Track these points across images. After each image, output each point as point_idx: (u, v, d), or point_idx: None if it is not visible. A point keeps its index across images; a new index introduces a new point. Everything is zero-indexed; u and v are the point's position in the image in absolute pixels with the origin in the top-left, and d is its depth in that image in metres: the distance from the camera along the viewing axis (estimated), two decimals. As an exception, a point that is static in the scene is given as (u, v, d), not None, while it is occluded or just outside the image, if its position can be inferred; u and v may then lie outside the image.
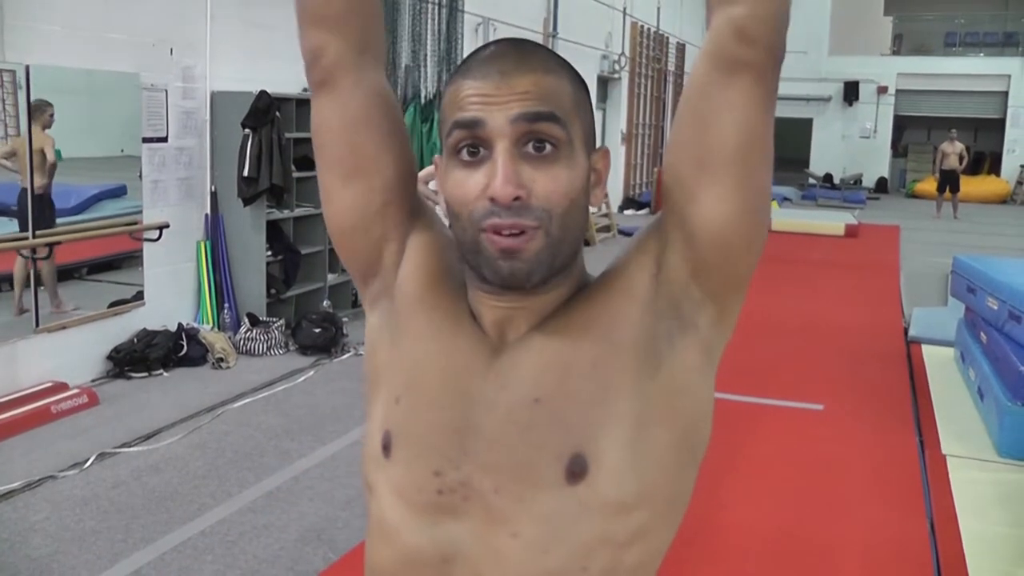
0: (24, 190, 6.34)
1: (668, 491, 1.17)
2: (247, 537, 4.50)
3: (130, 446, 5.60)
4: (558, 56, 1.20)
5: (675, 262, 1.17)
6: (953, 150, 20.13)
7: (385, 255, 1.31)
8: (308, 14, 1.34)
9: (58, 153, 6.40)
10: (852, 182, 25.39)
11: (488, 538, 1.15)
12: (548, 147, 1.11)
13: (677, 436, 1.16)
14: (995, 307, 6.60)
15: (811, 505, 5.04)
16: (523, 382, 1.15)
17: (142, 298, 7.20)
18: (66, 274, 6.96)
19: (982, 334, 6.78)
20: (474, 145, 1.11)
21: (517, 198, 1.09)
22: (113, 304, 7.09)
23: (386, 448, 1.25)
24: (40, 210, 6.45)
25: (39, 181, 6.42)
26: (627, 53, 19.02)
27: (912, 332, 8.82)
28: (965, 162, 20.40)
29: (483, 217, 1.10)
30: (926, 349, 8.20)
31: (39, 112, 6.35)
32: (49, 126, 6.46)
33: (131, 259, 7.33)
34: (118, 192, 7.36)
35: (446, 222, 1.26)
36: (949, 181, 20.16)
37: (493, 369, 1.18)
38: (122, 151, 7.33)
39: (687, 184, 1.15)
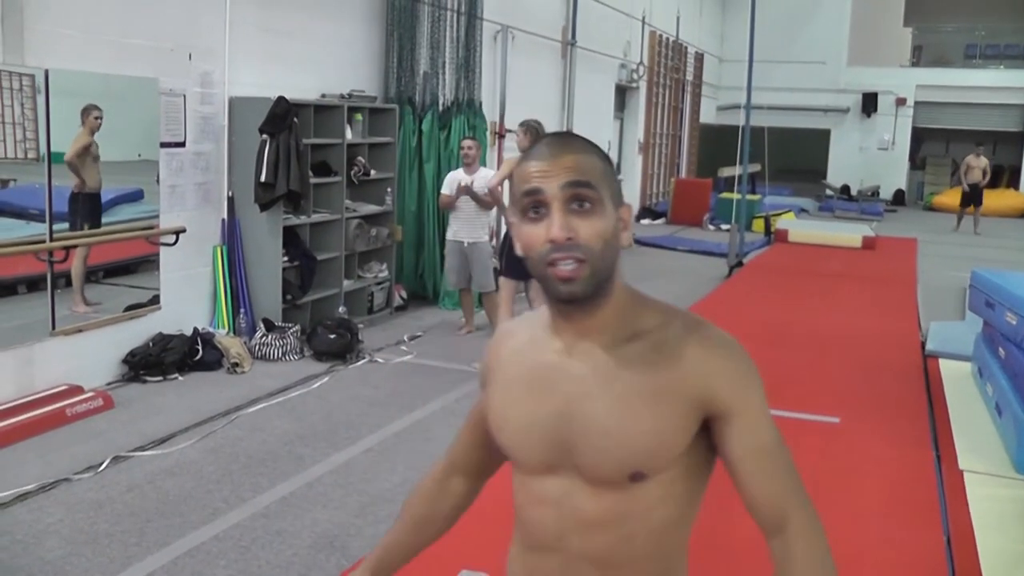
0: (75, 193, 6.65)
1: (696, 485, 1.73)
2: (260, 543, 4.50)
3: (144, 450, 5.62)
4: (590, 142, 1.68)
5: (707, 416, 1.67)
6: (978, 164, 20.11)
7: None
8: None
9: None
10: (870, 194, 25.28)
11: (584, 484, 1.69)
12: (587, 204, 1.60)
13: (699, 461, 1.71)
14: (1014, 322, 6.55)
15: (826, 519, 4.91)
16: (598, 411, 1.66)
17: (158, 302, 7.23)
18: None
19: (1000, 349, 6.73)
20: (536, 207, 1.61)
21: (569, 239, 1.58)
22: (129, 308, 7.13)
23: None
24: (89, 210, 6.70)
25: (92, 181, 6.66)
26: (645, 62, 19.01)
27: (929, 346, 8.79)
28: (987, 177, 20.34)
29: (547, 254, 1.60)
30: (943, 363, 8.16)
31: (86, 115, 6.55)
32: (97, 129, 6.64)
33: (147, 263, 7.36)
34: (135, 196, 7.39)
35: None
36: (973, 195, 20.11)
37: (573, 397, 1.68)
38: (139, 155, 7.35)
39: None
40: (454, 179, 8.59)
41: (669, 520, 1.67)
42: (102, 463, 5.36)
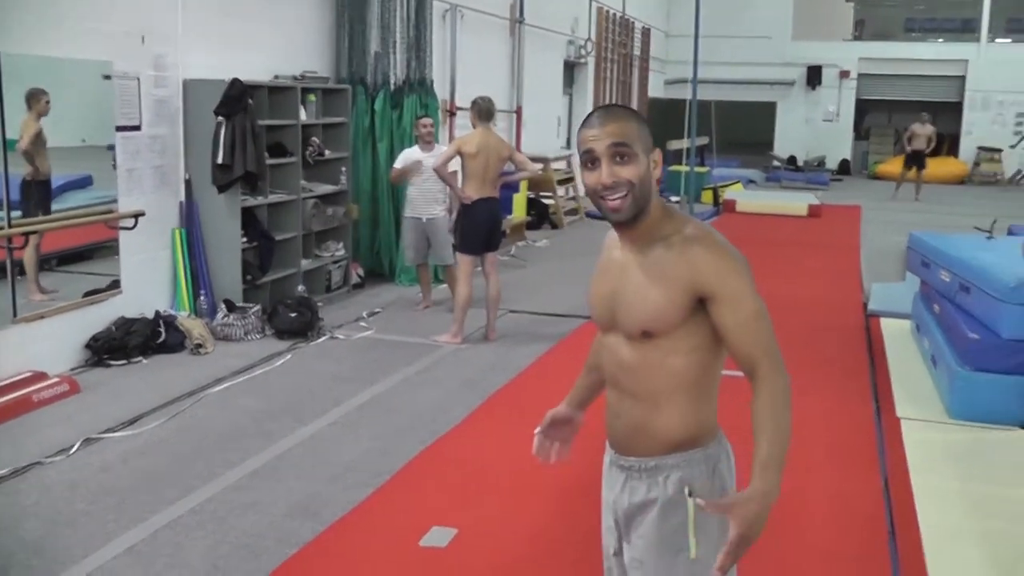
0: (27, 181, 6.58)
1: (699, 349, 2.36)
2: (236, 514, 4.66)
3: (114, 431, 5.74)
4: (628, 108, 2.39)
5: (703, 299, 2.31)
6: (924, 131, 20.61)
7: None
8: None
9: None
10: (815, 164, 25.69)
11: (624, 340, 2.41)
12: (625, 157, 2.27)
13: (696, 341, 2.35)
14: (947, 280, 6.87)
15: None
16: (630, 289, 2.37)
17: (116, 287, 7.30)
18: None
19: (936, 305, 7.05)
20: (592, 161, 2.30)
21: (614, 182, 2.27)
22: (88, 293, 7.18)
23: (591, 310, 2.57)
24: (41, 197, 6.71)
25: (44, 168, 6.67)
26: (593, 38, 19.17)
27: (871, 306, 9.15)
28: (932, 144, 20.80)
29: (600, 192, 2.30)
30: (884, 322, 8.52)
31: (35, 100, 6.50)
32: (45, 113, 6.61)
33: (102, 249, 7.43)
34: (84, 183, 7.40)
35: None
36: (916, 161, 20.64)
37: (621, 279, 2.41)
38: (83, 141, 7.38)
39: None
40: (409, 156, 8.72)
41: (676, 368, 2.33)
42: (73, 446, 5.45)
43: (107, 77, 7.04)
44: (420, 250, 8.85)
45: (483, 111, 7.89)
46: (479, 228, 7.80)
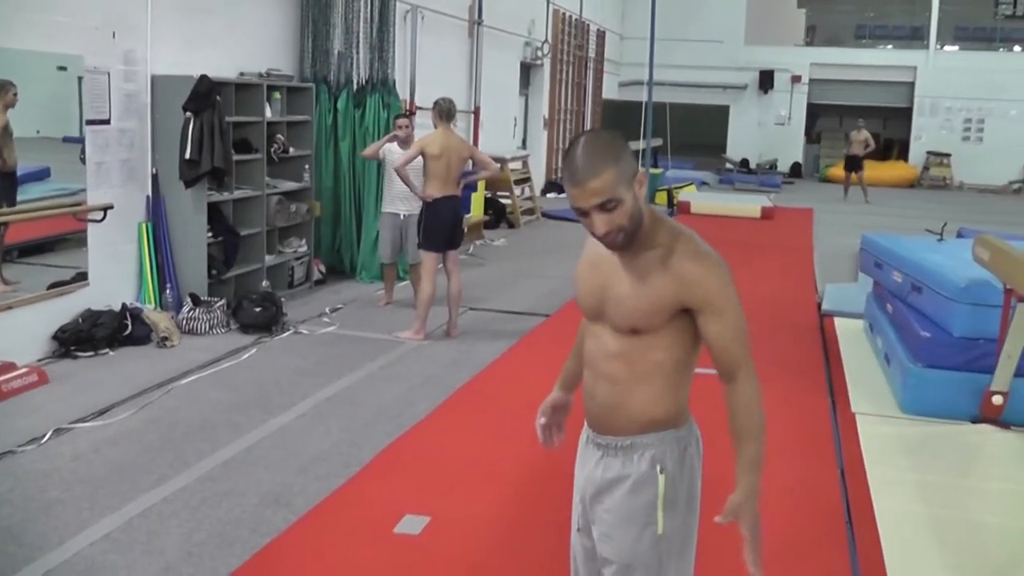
0: None
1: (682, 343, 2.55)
2: (209, 503, 4.73)
3: (85, 421, 5.78)
4: (605, 150, 2.37)
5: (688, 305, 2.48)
6: (858, 137, 21.30)
7: None
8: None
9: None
10: (768, 167, 26.04)
11: (609, 330, 2.55)
12: (612, 205, 2.34)
13: (683, 339, 2.55)
14: (900, 280, 7.09)
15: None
16: (618, 288, 2.50)
17: (83, 279, 7.33)
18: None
19: (888, 305, 7.27)
20: (582, 213, 2.38)
21: (607, 232, 2.37)
22: (53, 285, 7.19)
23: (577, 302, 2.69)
24: (8, 188, 6.73)
25: (10, 160, 6.70)
26: (549, 40, 19.32)
27: (825, 306, 9.38)
28: (870, 148, 21.30)
29: (599, 238, 2.41)
30: (838, 321, 8.74)
31: (3, 92, 6.52)
32: (12, 105, 6.62)
33: (65, 241, 7.46)
34: (42, 174, 7.38)
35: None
36: (852, 165, 21.35)
37: (610, 277, 2.53)
38: (38, 132, 7.33)
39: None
40: (389, 150, 8.85)
41: (656, 358, 2.51)
42: (44, 435, 5.49)
43: (62, 69, 7.04)
44: (396, 247, 8.92)
45: (444, 111, 8.00)
46: (443, 226, 7.91)
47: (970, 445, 5.75)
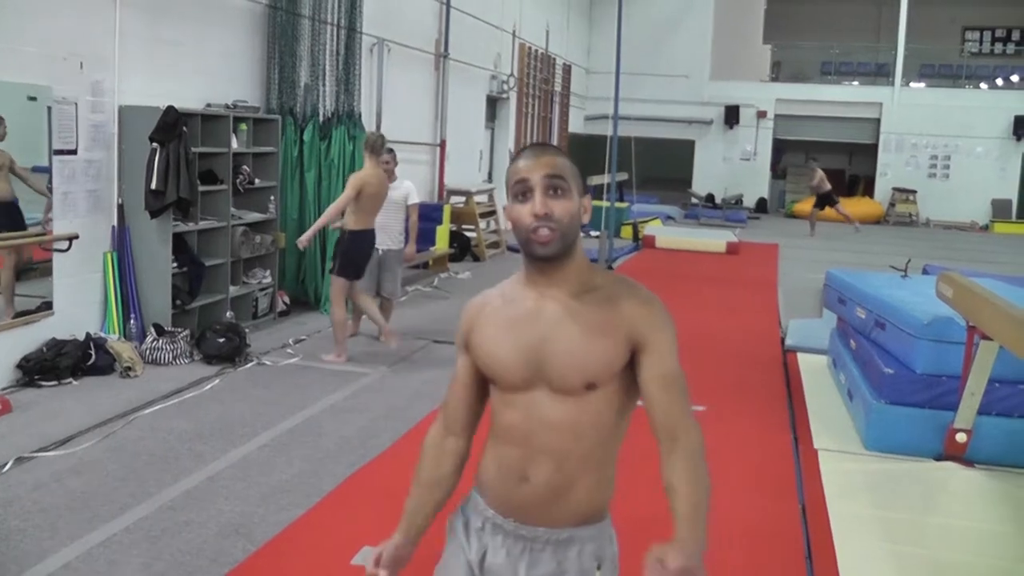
0: None
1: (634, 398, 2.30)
2: (170, 533, 4.71)
3: (47, 451, 5.75)
4: (561, 149, 2.38)
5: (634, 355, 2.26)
6: (815, 175, 22.10)
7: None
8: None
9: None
10: (733, 202, 26.23)
11: (550, 395, 2.25)
12: (559, 191, 2.21)
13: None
14: (863, 316, 7.16)
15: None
16: (562, 342, 2.23)
17: (47, 308, 7.31)
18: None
19: (852, 341, 7.34)
20: (524, 193, 2.21)
21: (546, 214, 2.18)
22: (19, 315, 7.16)
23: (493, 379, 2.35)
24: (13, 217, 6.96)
25: (6, 191, 6.88)
26: (515, 74, 19.45)
27: (789, 341, 9.43)
28: (820, 184, 22.09)
29: (530, 225, 2.20)
30: (801, 357, 8.80)
31: None
32: (2, 138, 6.78)
33: (28, 271, 7.42)
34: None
35: None
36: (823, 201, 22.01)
37: (541, 334, 2.25)
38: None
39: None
40: None
41: (609, 425, 2.27)
42: (5, 464, 5.46)
43: (32, 99, 7.05)
44: (372, 281, 8.88)
45: (372, 145, 8.13)
46: (362, 258, 8.18)
47: (934, 482, 5.79)
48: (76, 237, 7.32)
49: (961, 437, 5.95)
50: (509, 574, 2.32)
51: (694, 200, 25.62)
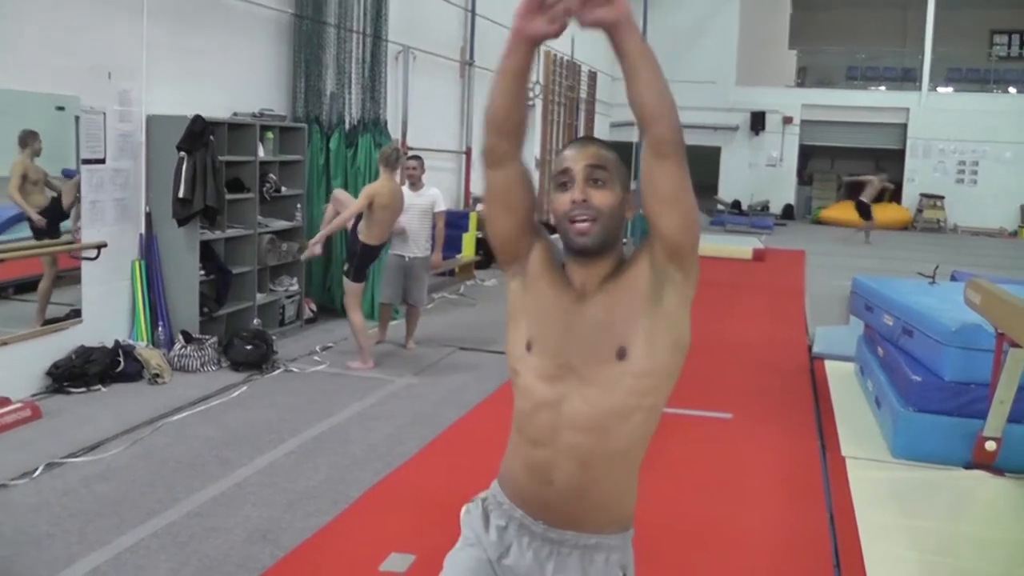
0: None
1: (667, 368, 2.24)
2: (197, 538, 4.74)
3: (76, 456, 5.79)
4: (608, 143, 2.32)
5: (658, 254, 2.22)
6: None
7: (523, 252, 2.38)
8: (493, 126, 2.25)
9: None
10: (759, 208, 26.15)
11: (579, 390, 2.22)
12: (601, 182, 2.22)
13: (671, 339, 2.24)
14: (891, 323, 7.12)
15: (723, 501, 5.45)
16: (594, 312, 2.23)
17: (76, 316, 7.37)
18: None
19: (879, 348, 7.29)
20: (565, 182, 2.23)
21: (584, 200, 2.19)
22: (48, 322, 7.25)
23: (528, 347, 2.31)
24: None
25: (41, 202, 7.10)
26: (541, 81, 19.44)
27: (816, 349, 9.38)
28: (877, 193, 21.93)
29: (569, 211, 2.21)
30: (828, 364, 8.75)
31: (32, 139, 6.81)
32: (38, 153, 6.93)
33: (60, 278, 7.46)
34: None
35: None
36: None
37: (579, 305, 2.25)
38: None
39: (652, 219, 2.19)
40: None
41: (636, 430, 2.25)
42: (36, 469, 5.51)
43: (61, 109, 7.11)
44: (398, 288, 8.92)
45: (387, 158, 8.17)
46: (368, 266, 8.28)
47: (963, 491, 5.73)
48: (104, 245, 7.38)
49: (990, 445, 5.88)
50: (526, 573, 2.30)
51: (720, 207, 25.56)
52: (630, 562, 2.34)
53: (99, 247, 7.34)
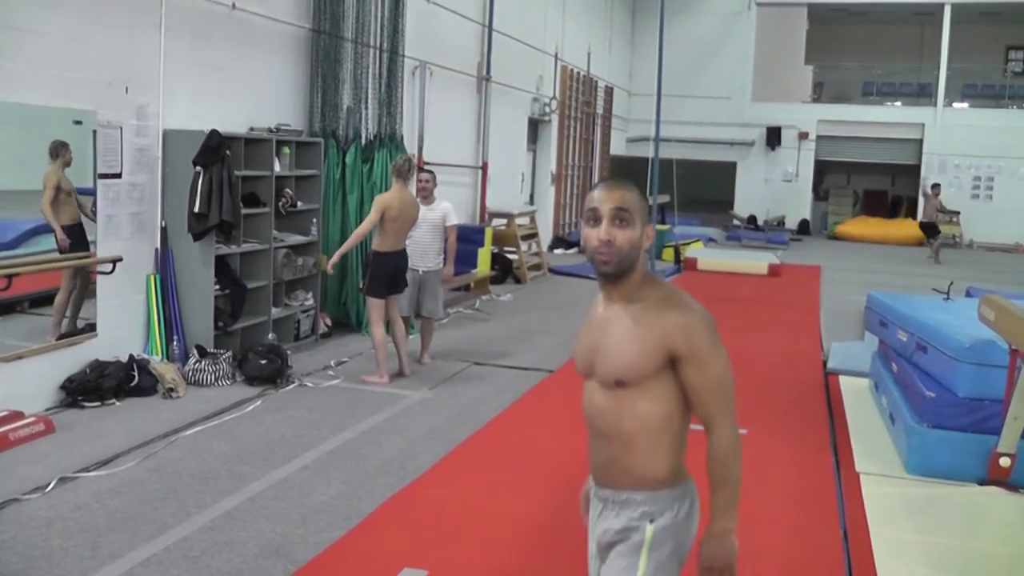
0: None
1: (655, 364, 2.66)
2: (210, 553, 4.74)
3: (89, 471, 5.80)
4: (638, 191, 2.72)
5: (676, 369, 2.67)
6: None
7: None
8: None
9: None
10: (775, 224, 26.11)
11: (597, 386, 2.76)
12: (624, 222, 2.64)
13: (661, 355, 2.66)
14: (905, 339, 7.10)
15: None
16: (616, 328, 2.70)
17: (90, 330, 7.38)
18: (7, 308, 7.10)
19: (893, 364, 7.27)
20: (595, 219, 2.66)
21: (609, 240, 2.63)
22: (62, 336, 7.26)
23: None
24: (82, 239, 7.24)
25: (72, 215, 7.14)
26: (557, 96, 19.50)
27: (830, 364, 9.36)
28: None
29: (596, 247, 2.66)
30: (843, 380, 8.73)
31: (63, 150, 6.90)
32: (69, 164, 7.01)
33: (75, 292, 7.47)
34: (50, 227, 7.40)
35: None
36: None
37: (603, 320, 2.76)
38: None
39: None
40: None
41: (642, 413, 2.67)
42: (49, 484, 5.52)
43: (78, 123, 7.16)
44: (413, 301, 8.92)
45: (399, 170, 8.22)
46: (385, 278, 8.21)
47: (977, 507, 5.70)
48: (120, 259, 7.41)
49: (1005, 461, 5.87)
50: (598, 528, 2.84)
51: (736, 222, 25.53)
52: (664, 514, 2.71)
53: (114, 261, 7.36)
